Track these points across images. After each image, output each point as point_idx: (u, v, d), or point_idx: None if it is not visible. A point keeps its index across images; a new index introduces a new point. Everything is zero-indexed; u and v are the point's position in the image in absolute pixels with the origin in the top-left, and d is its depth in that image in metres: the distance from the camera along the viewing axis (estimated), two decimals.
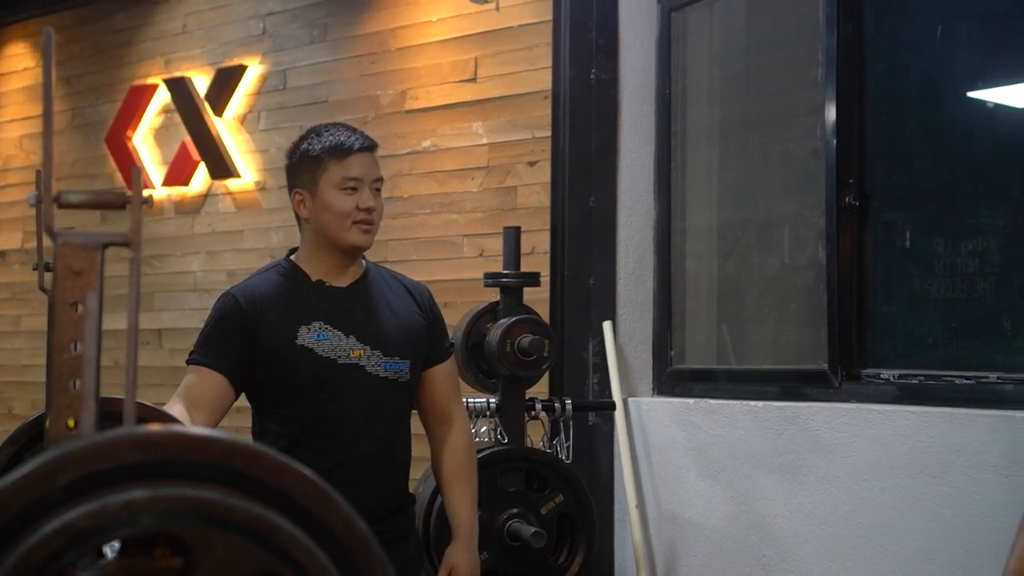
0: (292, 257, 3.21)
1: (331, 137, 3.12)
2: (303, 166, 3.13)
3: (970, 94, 4.09)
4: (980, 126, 4.05)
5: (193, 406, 2.94)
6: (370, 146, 3.15)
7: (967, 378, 3.87)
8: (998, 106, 4.02)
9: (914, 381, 4.01)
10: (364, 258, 3.24)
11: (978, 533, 3.44)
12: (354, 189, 3.09)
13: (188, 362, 3.07)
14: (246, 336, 3.05)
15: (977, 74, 4.07)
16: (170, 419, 2.01)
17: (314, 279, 3.14)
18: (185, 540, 1.04)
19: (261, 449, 1.09)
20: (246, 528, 1.05)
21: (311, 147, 3.12)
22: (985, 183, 4.03)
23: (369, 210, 3.09)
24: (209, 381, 3.01)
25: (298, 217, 3.18)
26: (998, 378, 3.75)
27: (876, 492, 3.92)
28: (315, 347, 3.06)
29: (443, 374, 3.32)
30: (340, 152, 3.09)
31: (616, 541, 4.87)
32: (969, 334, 4.01)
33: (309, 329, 3.07)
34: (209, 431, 1.10)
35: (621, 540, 4.84)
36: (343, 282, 3.16)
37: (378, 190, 3.15)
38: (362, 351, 3.09)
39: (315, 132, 3.17)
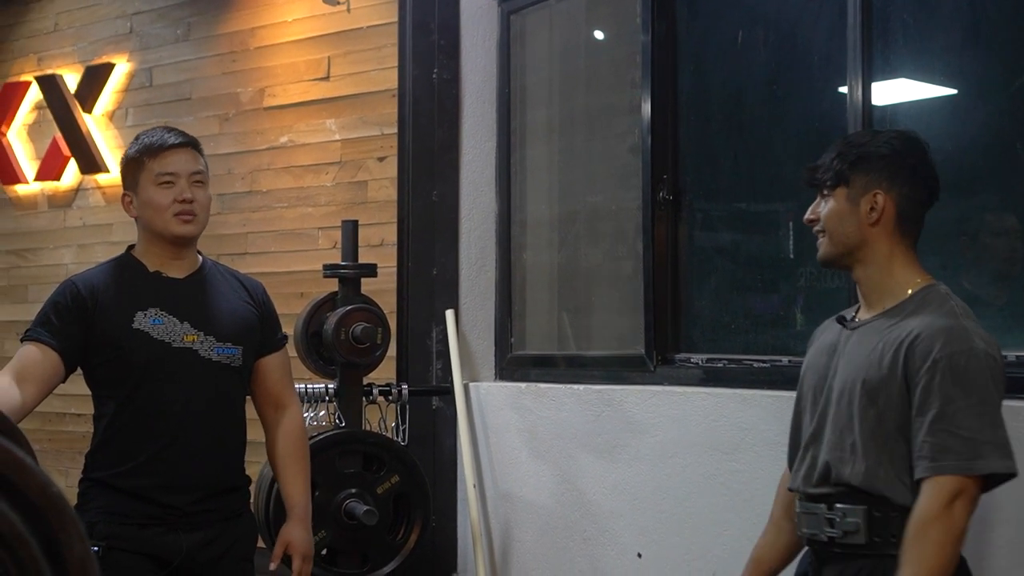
0: (131, 251, 3.40)
1: (147, 139, 3.34)
2: (127, 169, 3.36)
3: (766, 94, 4.34)
4: (776, 125, 4.29)
5: (23, 379, 3.11)
6: (185, 143, 3.34)
7: (763, 362, 4.13)
8: (791, 106, 4.27)
9: (718, 365, 4.26)
10: (201, 253, 3.44)
11: (764, 506, 3.66)
12: (171, 183, 3.28)
13: (23, 338, 3.24)
14: (83, 320, 3.23)
15: (772, 76, 4.31)
16: None
17: (151, 270, 3.34)
18: None
19: None
20: None
21: (131, 151, 3.35)
22: (779, 180, 4.28)
23: (186, 201, 3.28)
24: (42, 357, 3.18)
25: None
26: (789, 361, 4.00)
27: (678, 469, 4.17)
28: (150, 331, 3.25)
29: (276, 363, 3.51)
30: (153, 150, 3.29)
31: (459, 520, 5.07)
32: (767, 321, 4.27)
33: (145, 315, 3.26)
34: None
35: (463, 519, 5.03)
36: (179, 274, 3.36)
37: (199, 183, 3.33)
38: (196, 336, 3.29)
39: (136, 137, 3.38)
